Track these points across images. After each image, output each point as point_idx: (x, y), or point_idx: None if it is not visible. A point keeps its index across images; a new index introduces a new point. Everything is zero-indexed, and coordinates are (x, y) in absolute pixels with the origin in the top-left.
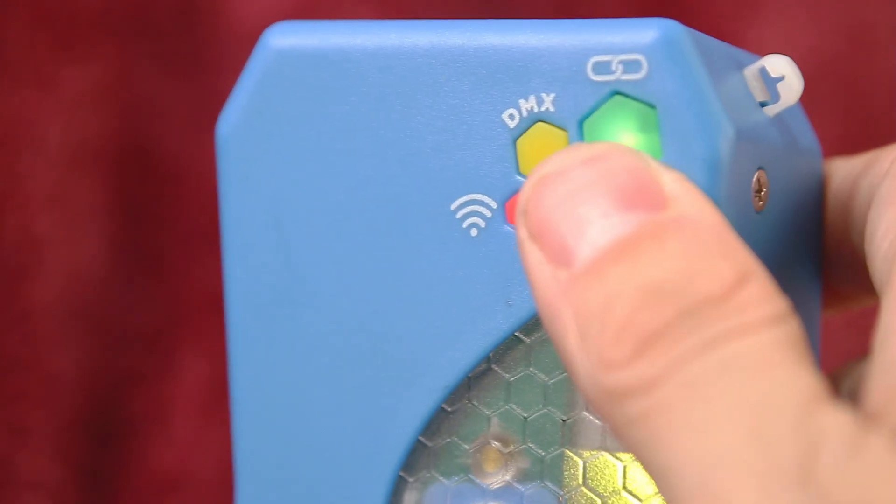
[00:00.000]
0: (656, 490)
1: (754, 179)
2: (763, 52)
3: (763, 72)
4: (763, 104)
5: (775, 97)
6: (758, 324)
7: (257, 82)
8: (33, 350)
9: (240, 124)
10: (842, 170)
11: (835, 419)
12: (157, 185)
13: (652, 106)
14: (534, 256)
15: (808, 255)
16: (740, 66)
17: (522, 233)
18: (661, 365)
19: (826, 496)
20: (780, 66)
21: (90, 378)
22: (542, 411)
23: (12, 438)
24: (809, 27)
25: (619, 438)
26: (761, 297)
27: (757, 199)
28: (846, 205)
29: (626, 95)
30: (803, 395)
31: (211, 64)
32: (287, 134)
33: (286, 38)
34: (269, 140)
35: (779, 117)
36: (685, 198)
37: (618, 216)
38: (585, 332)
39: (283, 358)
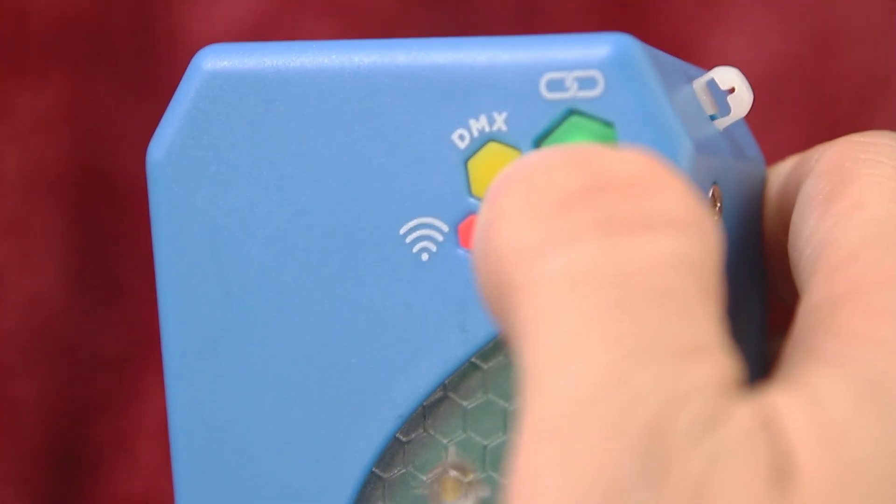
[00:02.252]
0: None
1: (710, 194)
2: (728, 58)
3: (711, 84)
4: (712, 117)
5: (724, 110)
6: (664, 226)
7: (189, 107)
8: None
9: (171, 150)
10: (774, 176)
11: (708, 380)
12: (117, 209)
13: (609, 124)
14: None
15: (756, 268)
16: (689, 79)
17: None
18: (551, 232)
19: (664, 472)
20: (729, 78)
21: (52, 406)
22: (502, 438)
23: None
24: (773, 32)
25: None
26: (677, 198)
27: (713, 213)
28: (779, 211)
29: (583, 114)
30: (687, 341)
31: (168, 85)
32: (222, 160)
33: (219, 61)
34: (202, 166)
35: (726, 129)
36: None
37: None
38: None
39: (224, 394)
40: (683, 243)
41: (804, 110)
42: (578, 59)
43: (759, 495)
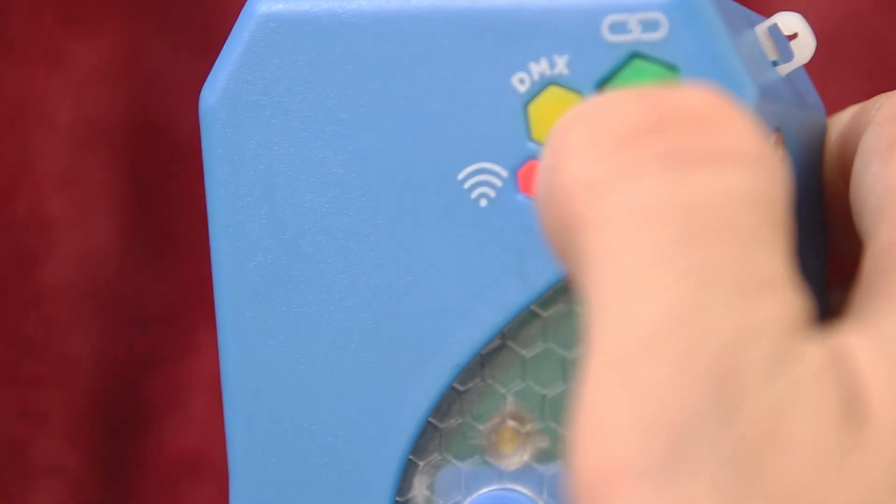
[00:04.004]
0: None
1: (772, 140)
2: (789, 8)
3: (774, 30)
4: (775, 63)
5: (787, 56)
6: (732, 161)
7: (243, 50)
8: (47, 334)
9: (224, 95)
10: (834, 125)
11: (778, 316)
12: (170, 162)
13: (672, 68)
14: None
15: (816, 217)
16: (752, 25)
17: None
18: (618, 165)
19: (736, 409)
20: (792, 23)
21: (105, 361)
22: (562, 388)
23: (28, 423)
24: None
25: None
26: (746, 134)
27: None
28: (839, 160)
29: (646, 57)
30: (757, 276)
31: (222, 36)
32: (276, 104)
33: (274, 3)
34: (256, 111)
35: (787, 76)
36: None
37: None
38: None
39: (279, 341)
40: (752, 178)
41: (864, 63)
42: (641, 2)
43: (832, 434)
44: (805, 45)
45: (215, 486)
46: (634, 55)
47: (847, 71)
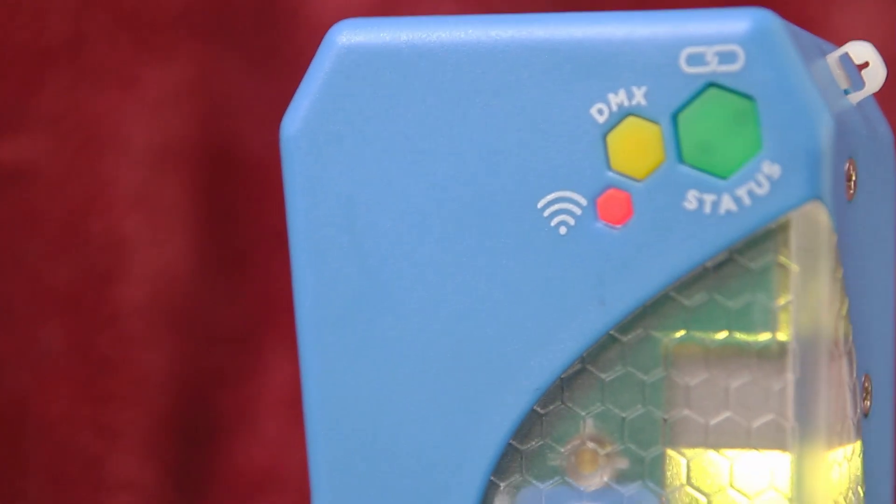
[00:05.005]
0: (763, 487)
1: (846, 168)
2: (844, 38)
3: (845, 59)
4: (846, 91)
5: (857, 84)
6: None
7: (324, 80)
8: (122, 351)
9: (306, 124)
10: None
11: None
12: (241, 184)
13: (750, 98)
14: None
15: (887, 240)
16: (823, 54)
17: None
18: None
19: None
20: (863, 52)
21: (178, 378)
22: (640, 410)
23: (103, 439)
24: (890, 10)
25: None
26: None
27: (848, 188)
28: None
29: (723, 87)
30: None
31: (291, 61)
32: (357, 133)
33: (354, 35)
34: (337, 140)
35: (858, 104)
36: None
37: None
38: None
39: (361, 366)
40: None
41: None
42: (719, 34)
43: None
44: (876, 74)
45: (286, 500)
46: (710, 85)
47: None
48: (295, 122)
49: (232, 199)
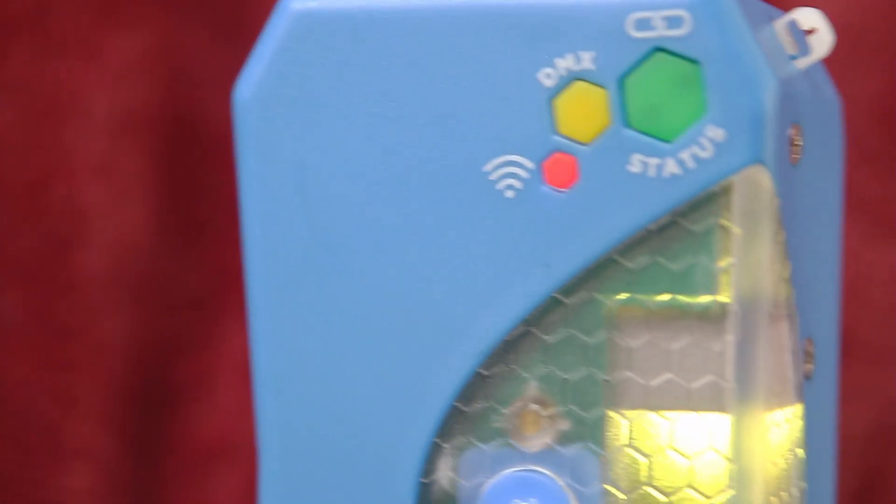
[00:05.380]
0: (703, 448)
1: (790, 133)
2: (809, 3)
3: (792, 25)
4: (793, 57)
5: (805, 50)
6: None
7: (277, 46)
8: (81, 319)
9: (259, 89)
10: None
11: None
12: (202, 153)
13: (695, 62)
14: None
15: (833, 206)
16: (771, 20)
17: None
18: None
19: None
20: (810, 18)
21: (137, 346)
22: (583, 372)
23: (60, 406)
24: None
25: None
26: None
27: (793, 152)
28: None
29: (669, 52)
30: None
31: (255, 31)
32: (309, 98)
33: (307, 1)
34: (290, 105)
35: (805, 70)
36: None
37: None
38: None
39: (309, 329)
40: None
41: (882, 59)
42: None
43: None
44: (823, 40)
45: (243, 468)
46: (657, 49)
47: (866, 63)
48: (248, 87)
49: (193, 168)
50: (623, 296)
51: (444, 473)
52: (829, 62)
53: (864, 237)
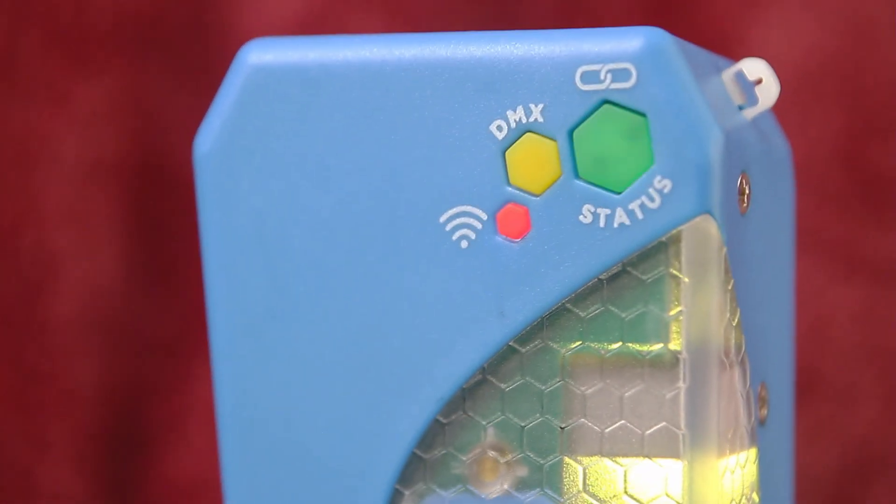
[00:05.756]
0: (657, 493)
1: (739, 182)
2: (766, 51)
3: (740, 75)
4: (741, 107)
5: (752, 100)
6: None
7: (234, 100)
8: (52, 363)
9: (218, 142)
10: None
11: None
12: (171, 197)
13: (642, 114)
14: None
15: (785, 252)
16: (719, 71)
17: None
18: None
19: None
20: (756, 69)
21: (108, 389)
22: (539, 419)
23: (32, 450)
24: (811, 24)
25: None
26: None
27: (741, 201)
28: None
29: (616, 104)
30: None
31: (221, 76)
32: (267, 150)
33: (264, 54)
34: (248, 157)
35: (754, 119)
36: None
37: None
38: None
39: (270, 376)
40: None
41: (841, 101)
42: (612, 52)
43: None
44: (769, 91)
45: None
46: (605, 102)
47: (826, 105)
48: (207, 139)
49: (161, 212)
50: (576, 344)
51: None
52: (789, 106)
53: (827, 277)
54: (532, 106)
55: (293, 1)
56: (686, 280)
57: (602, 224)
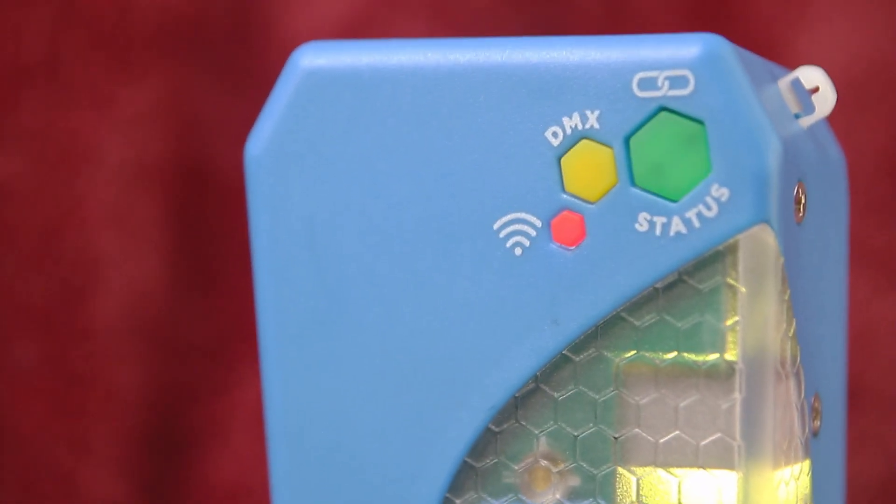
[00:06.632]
0: None
1: (795, 192)
2: (813, 58)
3: (796, 83)
4: (797, 116)
5: (808, 108)
6: None
7: (287, 103)
8: (95, 366)
9: (269, 146)
10: None
11: None
12: (213, 201)
13: (700, 122)
14: None
15: (838, 262)
16: (775, 79)
17: None
18: None
19: None
20: (813, 77)
21: (151, 393)
22: (592, 429)
23: (74, 454)
24: (858, 32)
25: None
26: None
27: (797, 210)
28: None
29: (674, 111)
30: None
31: (264, 80)
32: (319, 154)
33: (317, 58)
34: (300, 161)
35: (809, 128)
36: None
37: None
38: None
39: (321, 382)
40: None
41: (888, 110)
42: (670, 59)
43: None
44: (826, 99)
45: None
46: (662, 109)
47: (871, 114)
48: (259, 143)
49: (204, 216)
50: (631, 353)
51: None
52: (835, 114)
53: (873, 288)
54: (588, 112)
55: (337, 4)
56: (743, 290)
57: (658, 232)
